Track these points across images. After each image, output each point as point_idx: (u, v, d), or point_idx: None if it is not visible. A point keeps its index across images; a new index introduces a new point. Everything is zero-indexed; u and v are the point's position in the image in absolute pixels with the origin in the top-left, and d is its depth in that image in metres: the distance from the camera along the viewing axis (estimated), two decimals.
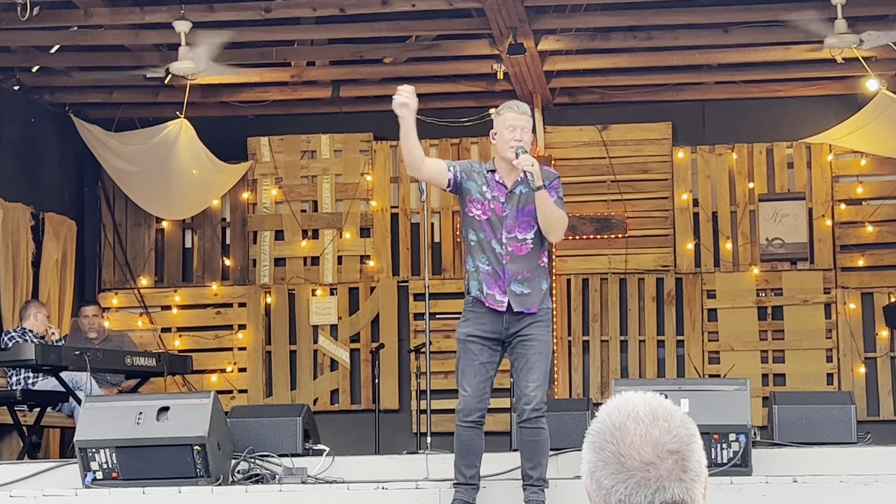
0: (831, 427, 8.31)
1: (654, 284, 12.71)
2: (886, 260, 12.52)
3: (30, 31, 10.90)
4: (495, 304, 7.07)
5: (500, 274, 7.08)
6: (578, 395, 12.44)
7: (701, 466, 2.25)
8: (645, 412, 2.25)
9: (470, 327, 7.14)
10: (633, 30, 11.39)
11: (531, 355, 7.05)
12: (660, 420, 2.24)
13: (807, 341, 12.44)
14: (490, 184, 7.18)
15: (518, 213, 7.11)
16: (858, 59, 10.89)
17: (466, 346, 7.13)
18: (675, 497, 2.20)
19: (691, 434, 2.26)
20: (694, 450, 2.25)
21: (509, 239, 7.11)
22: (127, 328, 12.83)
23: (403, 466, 8.26)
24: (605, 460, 2.23)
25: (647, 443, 2.21)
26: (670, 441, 2.22)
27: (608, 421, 2.26)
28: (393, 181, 13.10)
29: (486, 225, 7.14)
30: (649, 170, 12.79)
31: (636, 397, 2.30)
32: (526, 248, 7.12)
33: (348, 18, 10.94)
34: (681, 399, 7.43)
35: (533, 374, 7.03)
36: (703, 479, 2.26)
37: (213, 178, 12.79)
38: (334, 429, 11.27)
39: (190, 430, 7.84)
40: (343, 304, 12.99)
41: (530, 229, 7.12)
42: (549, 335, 7.16)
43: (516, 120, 7.12)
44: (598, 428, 2.27)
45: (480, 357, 7.10)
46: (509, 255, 7.09)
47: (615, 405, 2.29)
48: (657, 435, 2.22)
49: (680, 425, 2.25)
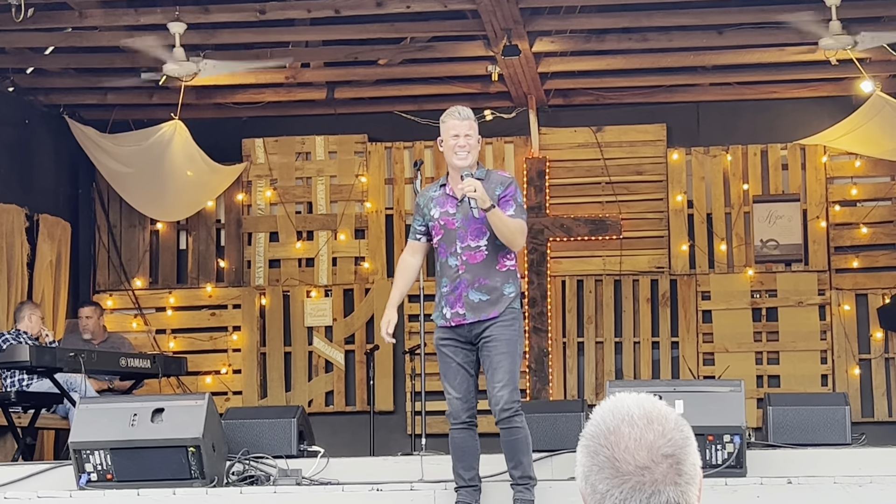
0: (826, 428, 8.32)
1: (648, 286, 12.71)
2: (881, 261, 12.53)
3: (24, 32, 10.90)
4: (461, 320, 7.13)
5: (458, 287, 7.12)
6: (573, 396, 12.44)
7: (696, 469, 2.25)
8: (639, 415, 2.24)
9: (441, 333, 7.23)
10: (628, 31, 11.39)
11: (494, 356, 7.08)
12: (654, 423, 2.23)
13: (801, 343, 12.45)
14: (439, 201, 7.24)
15: (469, 222, 7.12)
16: (853, 60, 10.90)
17: (442, 351, 7.23)
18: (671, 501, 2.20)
19: (686, 437, 2.25)
20: (689, 453, 2.24)
21: (463, 248, 7.14)
22: (121, 330, 12.82)
23: (398, 468, 8.27)
24: (600, 465, 2.22)
25: (642, 447, 2.21)
26: (665, 445, 2.22)
27: (602, 424, 2.26)
28: (387, 183, 13.10)
29: (441, 246, 7.21)
30: (644, 171, 12.79)
31: (630, 399, 2.29)
32: (480, 255, 7.14)
33: (343, 20, 10.94)
34: (675, 400, 7.45)
35: (498, 375, 7.06)
36: (698, 481, 2.26)
37: (208, 180, 12.79)
38: (329, 430, 11.29)
39: (184, 432, 7.84)
40: (338, 305, 12.99)
41: (482, 236, 7.13)
42: (513, 333, 7.13)
43: (458, 127, 7.17)
44: (593, 431, 2.26)
45: (456, 358, 7.17)
46: (464, 264, 7.13)
47: (609, 408, 2.28)
48: (652, 439, 2.22)
49: (674, 428, 2.25)
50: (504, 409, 7.02)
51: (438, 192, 7.26)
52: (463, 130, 7.14)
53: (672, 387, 8.11)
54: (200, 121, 12.48)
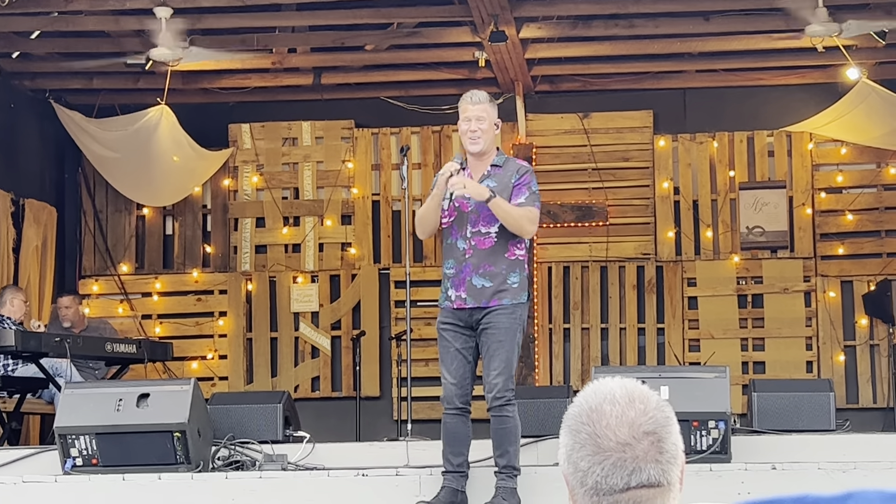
0: (810, 415, 8.35)
1: (634, 272, 12.73)
2: (866, 248, 12.56)
3: (10, 16, 10.85)
4: (463, 304, 7.11)
5: (462, 270, 7.11)
6: (559, 382, 12.46)
7: (677, 449, 2.26)
8: (621, 395, 2.26)
9: (443, 316, 7.21)
10: (615, 18, 11.39)
11: (492, 343, 7.06)
12: (636, 402, 2.25)
13: (786, 329, 12.48)
14: None
15: (482, 207, 7.09)
16: (839, 47, 10.91)
17: (442, 335, 7.20)
18: (652, 479, 2.21)
19: (667, 416, 2.27)
20: (670, 432, 2.26)
21: (473, 233, 7.12)
22: (107, 315, 12.80)
23: (384, 453, 8.29)
24: (582, 442, 2.23)
25: (623, 424, 2.22)
26: (646, 422, 2.23)
27: (585, 404, 2.27)
28: (374, 168, 13.09)
29: (452, 227, 7.18)
30: (630, 158, 12.80)
31: (613, 382, 2.30)
32: (489, 241, 7.11)
33: (329, 5, 10.93)
34: (661, 386, 7.46)
35: (494, 363, 7.04)
36: (680, 462, 2.27)
37: (195, 165, 12.77)
38: (315, 416, 11.28)
39: (170, 417, 7.83)
40: (324, 291, 12.98)
41: (494, 222, 7.10)
42: (513, 322, 7.09)
43: (469, 111, 7.11)
44: (575, 411, 2.27)
45: (455, 343, 7.14)
46: (472, 248, 7.11)
47: (592, 389, 2.30)
48: (633, 416, 2.23)
49: (656, 408, 2.26)
50: (497, 398, 7.01)
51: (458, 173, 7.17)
52: (475, 114, 7.09)
53: (657, 373, 8.12)
54: (187, 106, 12.46)
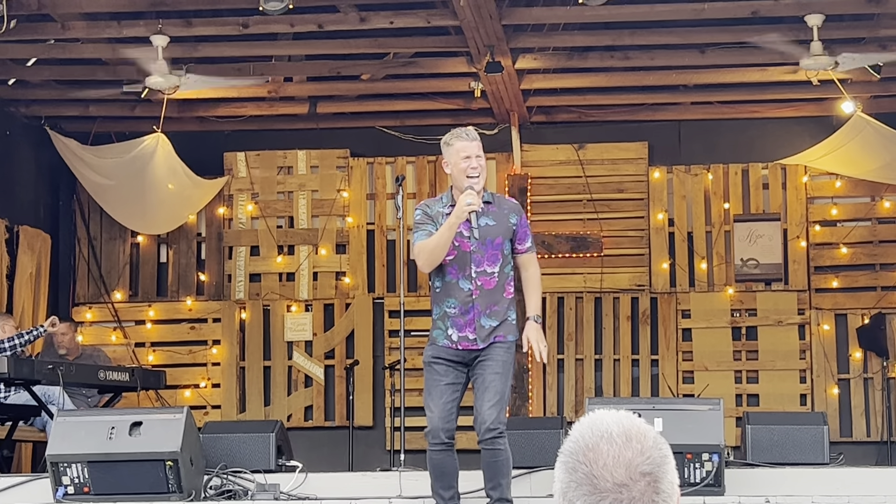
0: (804, 448, 8.33)
1: (629, 303, 12.73)
2: (860, 281, 12.56)
3: (6, 43, 10.87)
4: (470, 345, 7.04)
5: (470, 311, 7.04)
6: (552, 413, 12.44)
7: (673, 487, 2.25)
8: (618, 433, 2.25)
9: (435, 351, 7.11)
10: (611, 49, 11.42)
11: (488, 375, 7.01)
12: (633, 441, 2.24)
13: (780, 362, 12.48)
14: None
15: (486, 247, 7.04)
16: (834, 81, 10.94)
17: (432, 368, 7.10)
18: None
19: (664, 455, 2.25)
20: (667, 471, 2.25)
21: (479, 273, 7.04)
22: (100, 342, 12.78)
23: (377, 483, 8.26)
24: (578, 481, 2.22)
25: (620, 464, 2.21)
26: (643, 463, 2.22)
27: (581, 441, 2.26)
28: (369, 198, 13.10)
29: (451, 266, 7.05)
30: (625, 189, 12.82)
31: (609, 416, 2.29)
32: (493, 281, 7.06)
33: (326, 35, 10.94)
34: (655, 418, 7.45)
35: (488, 394, 6.98)
36: (676, 499, 2.26)
37: (190, 193, 12.77)
38: (308, 445, 11.26)
39: (162, 446, 7.81)
40: (318, 320, 12.97)
41: (497, 262, 7.06)
42: (509, 356, 7.09)
43: (469, 148, 7.00)
44: (571, 448, 2.26)
45: (446, 378, 7.06)
46: (479, 289, 7.04)
47: (588, 424, 2.28)
48: (630, 457, 2.22)
49: (653, 446, 2.25)
50: (490, 429, 6.96)
51: (447, 210, 7.05)
52: (475, 151, 7.00)
53: (651, 405, 8.11)
54: (182, 134, 12.47)
